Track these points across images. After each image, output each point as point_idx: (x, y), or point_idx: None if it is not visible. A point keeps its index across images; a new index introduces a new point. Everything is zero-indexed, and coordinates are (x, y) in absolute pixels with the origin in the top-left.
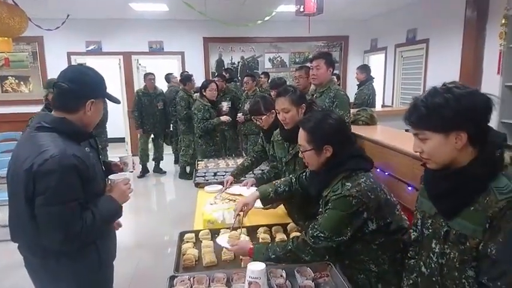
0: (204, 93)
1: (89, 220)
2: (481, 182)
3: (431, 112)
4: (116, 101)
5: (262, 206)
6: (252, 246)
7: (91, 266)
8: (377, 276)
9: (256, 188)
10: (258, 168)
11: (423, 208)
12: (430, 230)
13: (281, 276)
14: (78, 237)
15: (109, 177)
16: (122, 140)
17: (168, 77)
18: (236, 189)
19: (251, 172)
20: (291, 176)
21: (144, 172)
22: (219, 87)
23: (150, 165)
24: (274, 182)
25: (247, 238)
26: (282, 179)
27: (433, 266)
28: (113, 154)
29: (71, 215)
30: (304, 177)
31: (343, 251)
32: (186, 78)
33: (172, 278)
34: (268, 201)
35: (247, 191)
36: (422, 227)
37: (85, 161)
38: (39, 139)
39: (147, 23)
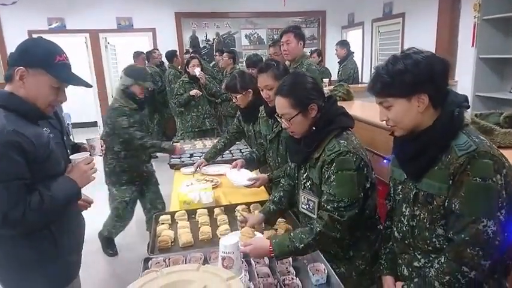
0: (187, 69)
1: (34, 203)
2: (443, 141)
3: (393, 79)
4: (68, 81)
5: (243, 184)
6: (270, 242)
7: (44, 255)
8: (349, 243)
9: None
10: (237, 148)
11: (394, 176)
12: (401, 196)
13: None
14: (20, 221)
15: (70, 157)
16: (94, 124)
17: (149, 56)
18: (213, 169)
19: (240, 151)
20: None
21: None
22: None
23: None
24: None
25: (259, 235)
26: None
27: (404, 229)
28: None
29: (11, 196)
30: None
31: None
32: (172, 55)
33: (146, 260)
34: (272, 215)
35: (237, 175)
36: (394, 193)
37: (32, 140)
38: None
39: None
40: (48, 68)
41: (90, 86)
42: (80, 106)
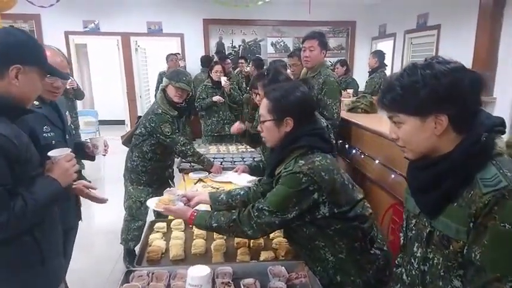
0: (211, 74)
1: (18, 208)
2: (465, 172)
3: (406, 92)
4: (60, 75)
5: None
6: (194, 211)
7: (28, 262)
8: (334, 267)
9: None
10: (250, 156)
11: (408, 207)
12: (414, 232)
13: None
14: (5, 228)
15: (49, 153)
16: (122, 122)
17: (167, 58)
18: (224, 177)
19: (253, 160)
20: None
21: None
22: (225, 69)
23: None
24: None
25: (180, 204)
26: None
27: (413, 273)
28: (111, 136)
29: None
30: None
31: (298, 237)
32: (208, 60)
33: (129, 272)
34: (217, 202)
35: (237, 177)
36: (407, 228)
37: (14, 141)
38: None
39: (145, 3)
40: (41, 64)
41: (68, 78)
42: (109, 104)
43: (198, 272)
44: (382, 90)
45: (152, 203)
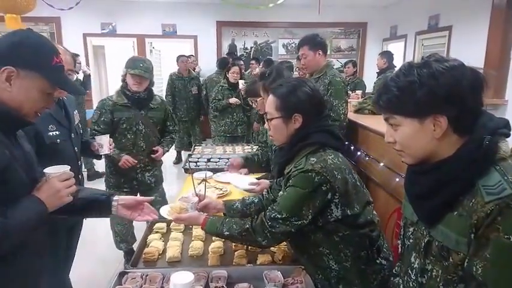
0: (227, 75)
1: None
2: (466, 178)
3: (402, 93)
4: (69, 89)
5: (244, 188)
6: (206, 217)
7: None
8: (337, 276)
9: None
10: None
11: (405, 214)
12: (411, 241)
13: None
14: None
15: (44, 170)
16: None
17: (177, 60)
18: (227, 177)
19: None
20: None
21: (179, 159)
22: (241, 71)
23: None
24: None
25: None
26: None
27: (411, 285)
28: None
29: None
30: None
31: (301, 242)
32: (225, 62)
33: (122, 274)
34: (231, 210)
35: (238, 179)
36: (404, 236)
37: None
38: None
39: (160, 5)
40: (44, 71)
41: (84, 94)
42: None
43: (181, 279)
44: (378, 91)
45: (165, 211)
